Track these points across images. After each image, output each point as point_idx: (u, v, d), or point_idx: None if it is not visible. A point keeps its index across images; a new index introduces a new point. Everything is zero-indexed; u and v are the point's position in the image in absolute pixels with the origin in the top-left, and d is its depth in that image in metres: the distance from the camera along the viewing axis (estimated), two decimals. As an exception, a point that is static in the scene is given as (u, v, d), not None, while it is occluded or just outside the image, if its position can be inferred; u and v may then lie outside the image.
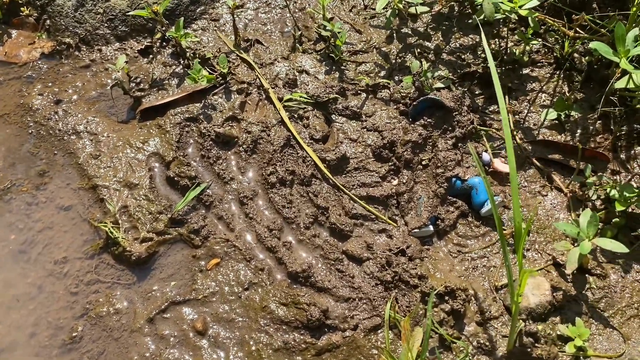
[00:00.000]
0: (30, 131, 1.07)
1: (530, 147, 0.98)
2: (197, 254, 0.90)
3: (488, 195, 0.70)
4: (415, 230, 0.86)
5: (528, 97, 1.02)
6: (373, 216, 0.91)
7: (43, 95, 1.11)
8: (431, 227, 0.88)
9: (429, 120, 0.97)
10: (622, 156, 0.93)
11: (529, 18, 0.98)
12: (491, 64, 0.71)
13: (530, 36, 1.04)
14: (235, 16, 1.10)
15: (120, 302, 0.86)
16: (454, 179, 0.89)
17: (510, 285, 0.69)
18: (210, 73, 1.06)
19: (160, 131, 1.03)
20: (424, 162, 0.96)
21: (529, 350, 0.77)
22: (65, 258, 0.92)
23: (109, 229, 0.90)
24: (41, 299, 0.87)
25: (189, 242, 0.91)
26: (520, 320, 0.78)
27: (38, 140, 1.06)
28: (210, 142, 1.01)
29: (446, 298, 0.82)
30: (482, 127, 0.99)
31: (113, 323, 0.84)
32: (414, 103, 0.99)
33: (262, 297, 0.84)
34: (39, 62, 1.14)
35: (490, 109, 1.03)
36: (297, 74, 1.09)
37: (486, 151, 0.96)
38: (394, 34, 1.12)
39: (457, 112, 0.96)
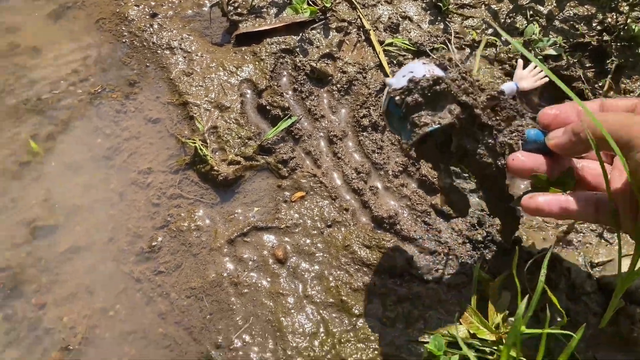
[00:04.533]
0: (124, 40, 1.06)
1: None
2: (282, 184, 0.88)
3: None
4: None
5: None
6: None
7: (139, 7, 1.09)
8: None
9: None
10: None
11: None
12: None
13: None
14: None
15: (201, 219, 0.85)
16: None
17: (619, 263, 0.65)
18: (311, 6, 1.03)
19: (255, 58, 1.00)
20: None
21: (623, 330, 0.73)
22: (150, 169, 0.91)
23: (198, 145, 0.88)
24: (122, 206, 0.87)
25: (276, 171, 0.89)
26: (621, 300, 0.74)
27: (131, 50, 1.04)
28: (304, 77, 0.98)
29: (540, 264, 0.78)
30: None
31: (193, 239, 0.83)
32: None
33: (344, 236, 0.82)
34: (137, -26, 1.12)
35: (599, 84, 0.98)
36: (400, 19, 1.04)
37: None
38: (507, -8, 1.06)
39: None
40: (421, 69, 0.60)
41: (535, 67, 0.71)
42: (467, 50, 1.00)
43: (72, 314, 0.78)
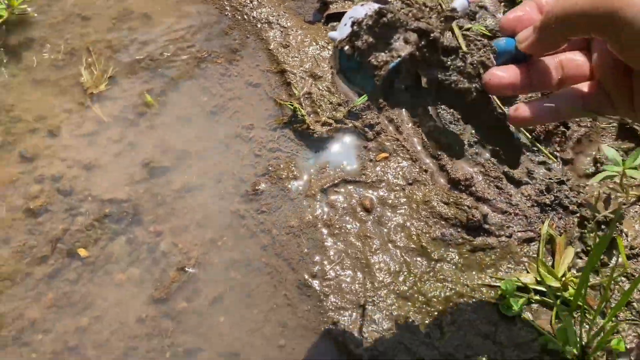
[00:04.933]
0: (226, 13, 1.18)
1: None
2: (368, 145, 1.00)
3: None
4: None
5: None
6: (535, 148, 0.98)
7: (240, -15, 1.22)
8: None
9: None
10: None
11: None
12: None
13: None
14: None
15: (297, 170, 0.97)
16: None
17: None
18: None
19: (344, 35, 1.12)
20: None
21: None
22: (252, 125, 1.03)
23: (297, 107, 1.00)
24: (228, 155, 0.99)
25: (362, 134, 1.01)
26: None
27: (233, 22, 1.17)
28: (389, 54, 1.10)
29: (602, 227, 0.89)
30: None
31: (290, 186, 0.95)
32: None
33: (424, 193, 0.93)
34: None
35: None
36: (477, 8, 1.15)
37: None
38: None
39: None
40: (361, 10, 0.54)
41: None
42: None
43: (185, 242, 0.90)
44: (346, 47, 0.52)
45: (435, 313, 0.82)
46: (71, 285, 0.86)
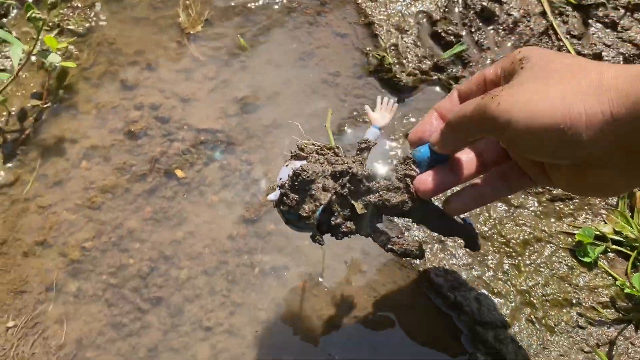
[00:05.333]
0: (315, -32, 1.23)
1: None
2: (451, 97, 1.03)
3: None
4: None
5: None
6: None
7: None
8: None
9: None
10: None
11: None
12: None
13: None
14: None
15: (382, 115, 1.01)
16: None
17: None
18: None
19: (431, -5, 1.15)
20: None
21: None
22: (338, 72, 1.07)
23: (384, 56, 1.04)
24: (314, 98, 1.04)
25: (447, 86, 1.04)
26: None
27: (322, -23, 1.21)
28: (473, 14, 1.13)
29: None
30: None
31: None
32: None
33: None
34: None
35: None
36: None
37: None
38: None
39: None
40: (285, 171, 0.62)
41: (382, 101, 0.72)
42: (621, 10, 1.11)
43: (274, 173, 0.95)
44: (281, 207, 0.61)
45: (513, 253, 0.85)
46: (168, 202, 0.92)
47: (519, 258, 0.85)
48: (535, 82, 0.46)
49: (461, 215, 0.70)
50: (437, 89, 1.05)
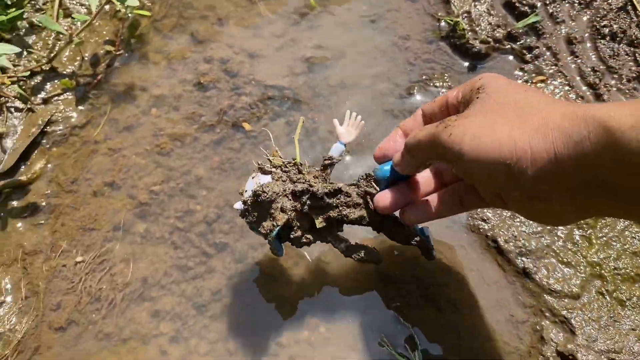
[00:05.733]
0: None
1: None
2: (525, 67, 1.00)
3: None
4: None
5: None
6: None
7: None
8: None
9: None
10: None
11: None
12: None
13: None
14: None
15: (452, 81, 0.99)
16: None
17: None
18: None
19: (506, -36, 1.13)
20: None
21: None
22: (408, 36, 1.06)
23: (457, 21, 1.02)
24: (383, 60, 1.02)
25: (520, 56, 1.02)
26: None
27: (393, -58, 1.19)
28: (550, -14, 1.09)
29: None
30: None
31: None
32: None
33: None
34: None
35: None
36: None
37: None
38: None
39: None
40: (250, 185, 0.65)
41: (351, 116, 0.73)
42: None
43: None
44: (244, 218, 0.66)
45: (585, 225, 0.83)
46: (234, 153, 0.93)
47: (591, 230, 0.83)
48: (486, 115, 0.48)
49: (420, 225, 0.72)
50: (510, 57, 1.03)
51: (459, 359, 0.74)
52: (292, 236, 0.65)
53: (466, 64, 1.02)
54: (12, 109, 0.94)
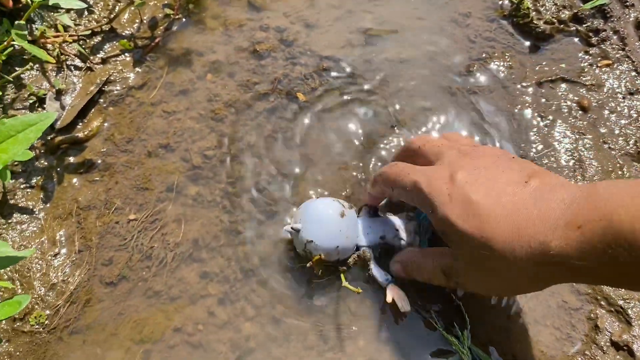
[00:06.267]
0: None
1: None
2: (590, 51, 0.97)
3: None
4: None
5: None
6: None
7: None
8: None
9: None
10: None
11: None
12: None
13: None
14: None
15: (512, 61, 0.96)
16: None
17: None
18: None
19: (575, -57, 1.08)
20: None
21: None
22: (469, 13, 1.03)
23: (522, 0, 0.99)
24: (442, 36, 1.00)
25: (585, 39, 0.98)
26: None
27: None
28: (621, -32, 1.05)
29: None
30: None
31: (503, 74, 0.95)
32: None
33: (646, 105, 0.89)
34: None
35: None
36: None
37: None
38: None
39: None
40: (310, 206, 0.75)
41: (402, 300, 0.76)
42: None
43: (396, 108, 0.93)
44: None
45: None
46: (287, 122, 0.92)
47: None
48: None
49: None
50: (575, 40, 0.99)
51: (507, 341, 0.73)
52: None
53: (528, 43, 0.98)
54: (72, 67, 0.95)
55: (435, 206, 0.51)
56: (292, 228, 0.71)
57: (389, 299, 0.70)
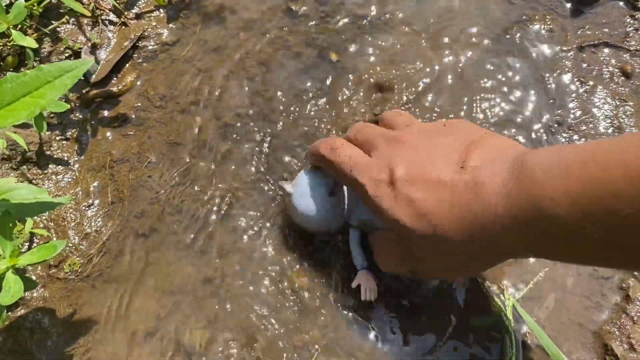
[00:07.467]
0: None
1: None
2: (635, 15, 0.93)
3: None
4: None
5: None
6: None
7: None
8: None
9: None
10: None
11: None
12: None
13: None
14: None
15: (554, 24, 0.93)
16: None
17: None
18: None
19: None
20: None
21: None
22: (509, -26, 0.99)
23: (567, -40, 0.95)
24: (479, 4, 0.97)
25: (631, 2, 0.94)
26: None
27: None
28: None
29: None
30: None
31: (542, 37, 0.92)
32: None
33: (693, 72, 0.86)
34: None
35: None
36: None
37: None
38: None
39: None
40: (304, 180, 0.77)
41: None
42: None
43: (436, 60, 0.91)
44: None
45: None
46: (319, 82, 0.92)
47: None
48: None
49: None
50: (620, 3, 0.95)
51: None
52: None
53: (570, 6, 0.95)
54: (107, 22, 0.95)
55: (383, 210, 0.52)
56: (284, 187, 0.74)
57: (354, 284, 0.70)
